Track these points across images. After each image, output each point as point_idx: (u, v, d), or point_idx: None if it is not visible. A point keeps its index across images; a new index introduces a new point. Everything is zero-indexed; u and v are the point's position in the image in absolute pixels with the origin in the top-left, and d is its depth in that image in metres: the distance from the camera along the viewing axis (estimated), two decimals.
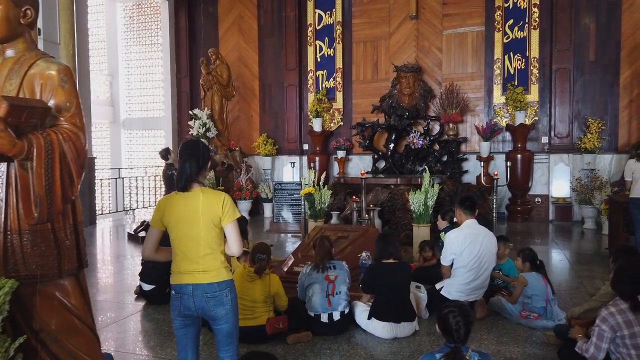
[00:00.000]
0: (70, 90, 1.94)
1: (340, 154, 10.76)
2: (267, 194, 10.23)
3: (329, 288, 3.75)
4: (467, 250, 4.03)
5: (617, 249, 3.62)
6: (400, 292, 3.77)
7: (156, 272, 4.57)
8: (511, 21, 9.76)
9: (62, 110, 1.92)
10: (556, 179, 9.53)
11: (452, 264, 4.14)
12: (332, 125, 11.10)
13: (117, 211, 11.13)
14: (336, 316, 3.75)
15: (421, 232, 6.14)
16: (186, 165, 2.41)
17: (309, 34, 11.15)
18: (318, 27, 11.12)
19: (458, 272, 4.08)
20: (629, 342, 2.70)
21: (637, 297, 2.65)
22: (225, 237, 2.48)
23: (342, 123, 11.05)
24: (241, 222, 5.15)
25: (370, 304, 3.88)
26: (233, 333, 2.50)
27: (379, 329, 3.72)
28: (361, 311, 3.87)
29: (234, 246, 2.46)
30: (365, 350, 3.57)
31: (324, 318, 3.73)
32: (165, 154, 7.96)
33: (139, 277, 4.84)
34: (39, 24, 8.71)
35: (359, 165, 10.72)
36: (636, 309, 2.66)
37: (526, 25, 9.69)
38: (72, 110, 1.94)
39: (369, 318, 3.77)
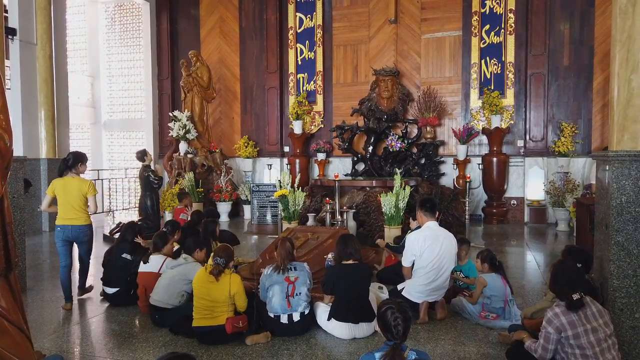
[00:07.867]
0: None
1: (321, 156, 10.81)
2: (247, 196, 10.24)
3: (288, 289, 3.78)
4: (427, 252, 4.10)
5: (564, 249, 3.71)
6: (359, 293, 3.82)
7: (118, 275, 4.62)
8: (488, 26, 9.91)
9: None
10: (531, 182, 9.68)
11: (413, 265, 4.21)
12: (312, 127, 11.15)
13: (95, 212, 11.04)
14: (296, 317, 3.78)
15: (392, 234, 6.23)
16: (62, 163, 4.61)
17: (290, 37, 11.21)
18: (299, 31, 11.18)
19: (418, 273, 4.15)
20: (573, 342, 2.76)
21: (571, 296, 2.73)
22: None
23: (322, 125, 11.11)
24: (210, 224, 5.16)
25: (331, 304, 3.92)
26: (89, 250, 4.87)
27: (338, 329, 3.77)
28: (322, 312, 3.91)
29: (93, 207, 4.72)
30: (324, 350, 3.61)
31: (284, 319, 3.76)
32: (141, 155, 7.92)
33: (101, 282, 4.87)
34: (15, 24, 8.67)
35: (339, 168, 10.80)
36: (572, 307, 2.74)
37: (502, 30, 9.83)
38: None
39: (328, 319, 3.81)
